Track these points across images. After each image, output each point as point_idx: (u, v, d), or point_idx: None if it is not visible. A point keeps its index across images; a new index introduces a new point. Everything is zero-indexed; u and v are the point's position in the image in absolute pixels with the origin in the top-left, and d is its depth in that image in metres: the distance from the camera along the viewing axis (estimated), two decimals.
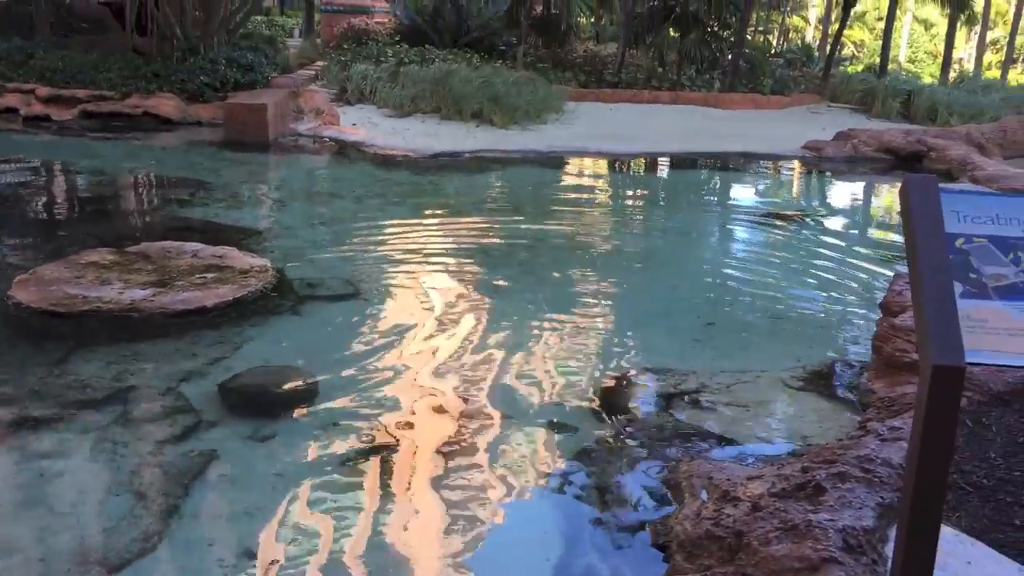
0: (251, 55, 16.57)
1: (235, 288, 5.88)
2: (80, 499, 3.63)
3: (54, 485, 3.73)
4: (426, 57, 18.37)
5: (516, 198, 10.85)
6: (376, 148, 12.98)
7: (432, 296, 6.77)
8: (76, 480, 3.79)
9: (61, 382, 4.60)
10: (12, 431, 4.11)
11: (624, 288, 7.18)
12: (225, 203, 9.17)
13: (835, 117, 19.19)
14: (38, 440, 4.06)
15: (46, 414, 4.27)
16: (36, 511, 3.53)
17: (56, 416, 4.26)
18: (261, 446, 4.14)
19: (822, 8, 43.43)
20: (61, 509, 3.55)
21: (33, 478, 3.77)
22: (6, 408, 4.31)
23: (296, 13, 33.53)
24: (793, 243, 9.36)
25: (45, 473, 3.81)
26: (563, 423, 4.53)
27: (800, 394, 4.97)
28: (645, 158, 14.33)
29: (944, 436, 2.20)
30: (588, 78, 20.59)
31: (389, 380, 5.09)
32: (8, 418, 4.21)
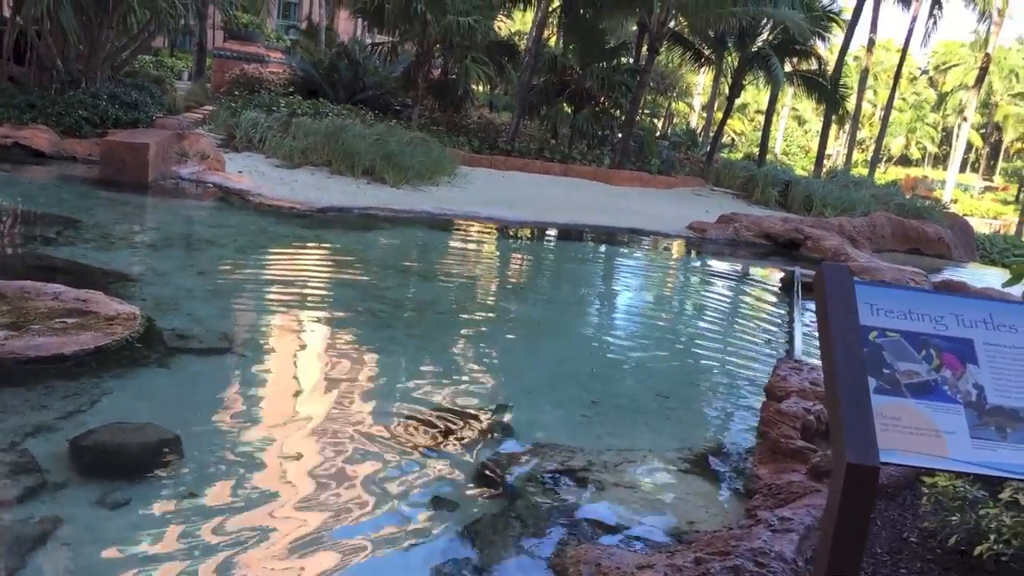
0: (136, 93, 16.01)
1: (98, 336, 5.45)
2: None
3: None
4: (320, 110, 18.17)
5: (404, 258, 10.65)
6: (262, 198, 12.59)
7: (310, 356, 6.47)
8: None
9: None
10: None
11: (510, 357, 7.04)
12: (95, 244, 8.65)
13: (718, 200, 19.86)
14: None
15: None
16: None
17: None
18: (113, 513, 3.76)
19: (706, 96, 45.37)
20: None
21: None
22: None
23: (187, 55, 32.78)
24: (678, 321, 9.47)
25: None
26: (443, 499, 4.30)
27: (686, 476, 4.89)
28: (535, 227, 14.40)
29: (856, 535, 2.11)
30: (482, 144, 20.75)
31: (258, 443, 4.77)
32: None
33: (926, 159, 74.84)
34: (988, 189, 64.02)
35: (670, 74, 32.83)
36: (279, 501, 4.13)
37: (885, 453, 2.09)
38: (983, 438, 2.16)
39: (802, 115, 67.44)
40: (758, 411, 5.96)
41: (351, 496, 4.23)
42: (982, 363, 2.27)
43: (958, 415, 2.19)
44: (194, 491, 4.06)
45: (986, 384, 2.24)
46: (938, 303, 2.36)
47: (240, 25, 27.99)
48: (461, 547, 3.83)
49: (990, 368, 2.26)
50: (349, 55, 22.98)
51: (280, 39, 35.25)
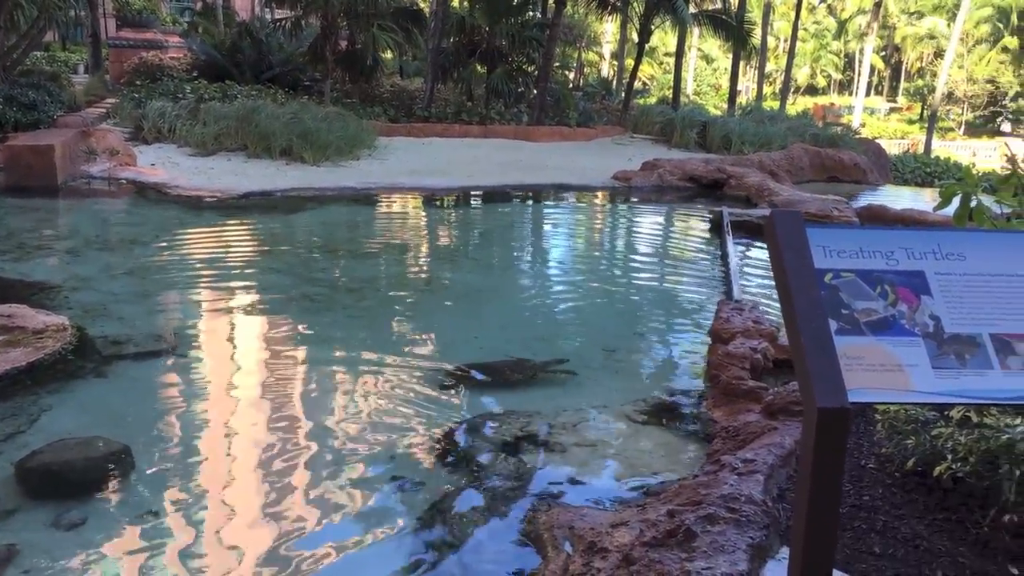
0: (33, 93, 15.34)
1: (28, 351, 5.25)
2: None
3: None
4: (228, 93, 17.70)
5: (333, 238, 10.49)
6: (180, 189, 12.24)
7: (251, 346, 6.35)
8: None
9: None
10: None
11: (452, 328, 7.00)
12: (10, 255, 8.31)
13: (639, 148, 19.96)
14: None
15: None
16: None
17: None
18: (69, 534, 3.64)
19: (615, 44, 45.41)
20: None
21: None
22: None
23: (80, 48, 31.54)
24: (614, 273, 9.53)
25: None
26: (406, 477, 4.27)
27: (644, 428, 4.94)
28: (461, 192, 14.29)
29: (832, 477, 2.14)
30: (397, 113, 20.49)
31: (209, 441, 4.69)
32: None
33: (831, 86, 76.36)
34: (893, 110, 65.63)
35: (577, 24, 32.75)
36: (237, 503, 4.06)
37: (853, 393, 2.12)
38: (945, 367, 2.20)
39: (709, 54, 68.07)
40: (704, 355, 6.06)
41: (312, 490, 4.17)
42: (935, 294, 2.31)
43: (918, 347, 2.23)
44: (150, 501, 3.96)
45: (941, 314, 2.28)
46: (887, 239, 2.39)
47: (133, 12, 26.98)
48: (431, 526, 3.81)
49: (944, 298, 2.30)
50: (251, 33, 22.36)
51: (176, 22, 34.10)
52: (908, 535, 3.20)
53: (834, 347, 2.15)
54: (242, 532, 3.79)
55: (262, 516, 3.90)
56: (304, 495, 4.12)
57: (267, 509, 3.96)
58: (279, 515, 3.91)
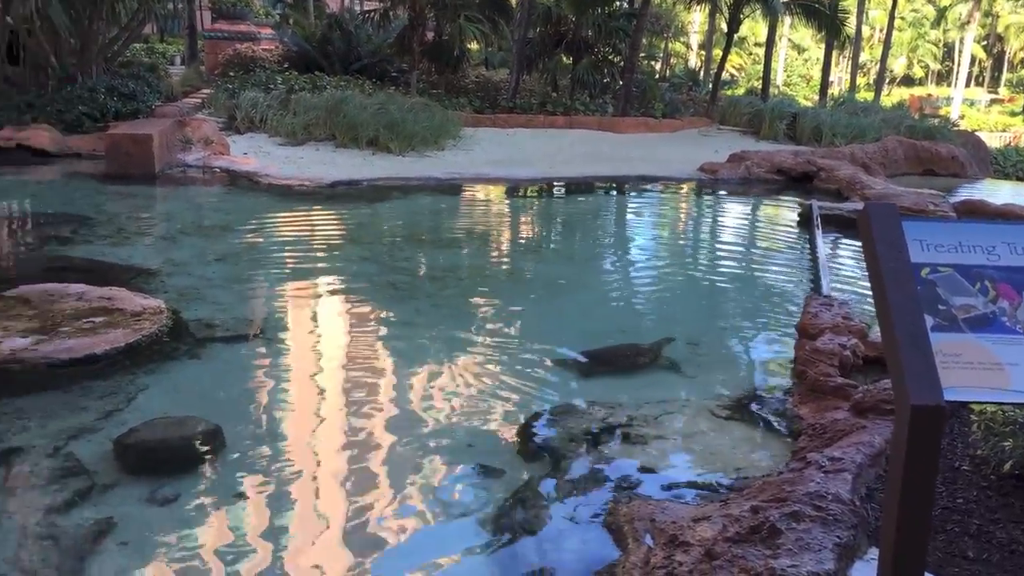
0: (133, 83, 15.90)
1: (127, 332, 5.45)
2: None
3: None
4: (317, 84, 18.02)
5: (418, 227, 10.60)
6: (270, 178, 12.54)
7: (336, 332, 6.48)
8: None
9: None
10: None
11: (536, 318, 7.01)
12: (111, 240, 8.64)
13: (726, 139, 19.63)
14: None
15: None
16: None
17: None
18: (163, 509, 3.78)
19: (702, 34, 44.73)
20: None
21: None
22: None
23: (177, 40, 32.48)
24: (698, 266, 9.42)
25: None
26: (488, 465, 4.30)
27: (727, 423, 4.88)
28: (544, 183, 14.29)
29: (926, 477, 2.08)
30: (482, 103, 20.56)
31: (295, 423, 4.80)
32: None
33: (929, 77, 73.75)
34: (994, 102, 63.06)
35: (664, 14, 32.35)
36: (321, 485, 4.15)
37: (948, 391, 2.05)
38: None
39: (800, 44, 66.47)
40: (790, 350, 5.94)
41: (393, 475, 4.24)
42: None
43: (1019, 346, 2.15)
44: (239, 480, 4.08)
45: None
46: (988, 233, 2.31)
47: (228, 4, 27.64)
48: (512, 513, 3.83)
49: None
50: (341, 25, 22.70)
51: (268, 15, 34.85)
52: (1004, 540, 3.09)
53: (930, 343, 2.09)
54: (325, 514, 3.87)
55: (344, 499, 3.98)
56: (385, 479, 4.19)
57: (349, 492, 4.04)
58: (360, 498, 3.98)
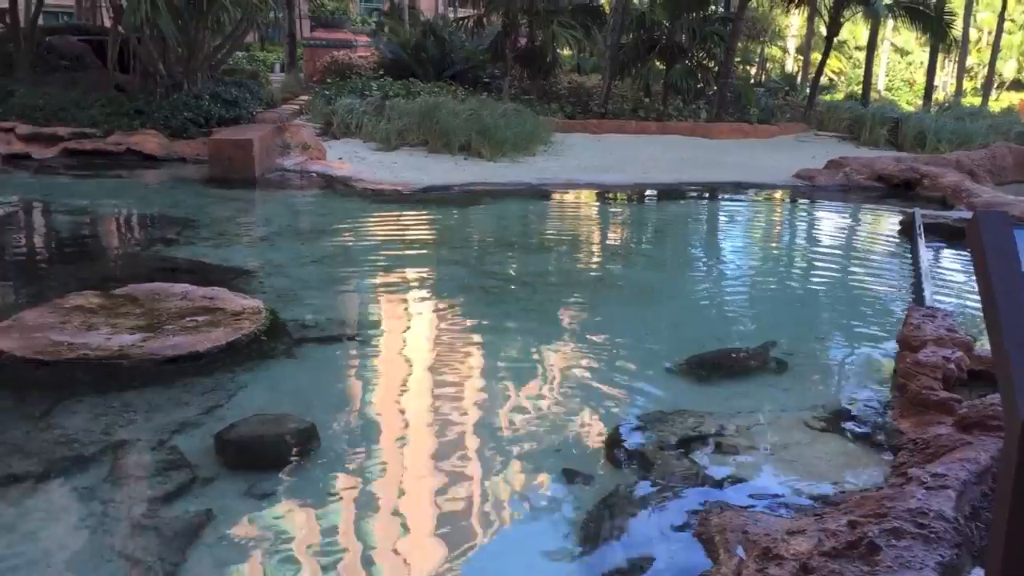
0: (235, 90, 16.40)
1: (228, 331, 5.62)
2: (69, 566, 3.36)
3: (42, 551, 3.46)
4: (411, 90, 18.27)
5: (509, 232, 10.66)
6: (364, 183, 12.77)
7: (427, 335, 6.56)
8: (64, 544, 3.52)
9: (46, 436, 4.33)
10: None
11: (626, 325, 6.96)
12: (213, 242, 8.93)
13: (824, 145, 19.16)
14: (22, 500, 3.80)
15: (31, 471, 4.01)
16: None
17: (42, 474, 4.00)
18: (260, 503, 3.89)
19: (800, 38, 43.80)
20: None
21: (17, 542, 3.50)
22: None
23: (277, 47, 33.41)
24: (794, 274, 9.22)
25: (31, 537, 3.54)
26: (577, 471, 4.29)
27: (822, 435, 4.76)
28: (636, 189, 14.19)
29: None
30: (574, 109, 20.55)
31: (386, 424, 4.88)
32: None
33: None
34: None
35: (761, 18, 31.77)
36: (412, 485, 4.21)
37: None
38: None
39: (903, 47, 64.47)
40: (890, 362, 5.77)
41: (481, 478, 4.27)
42: None
43: None
44: (332, 478, 4.17)
45: None
46: None
47: (327, 13, 28.33)
48: (600, 520, 3.82)
49: None
50: (435, 32, 23.01)
51: (365, 22, 35.59)
52: None
53: None
54: (412, 515, 3.92)
55: (432, 501, 4.03)
56: (473, 482, 4.23)
57: (437, 494, 4.08)
58: (448, 500, 4.03)
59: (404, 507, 3.98)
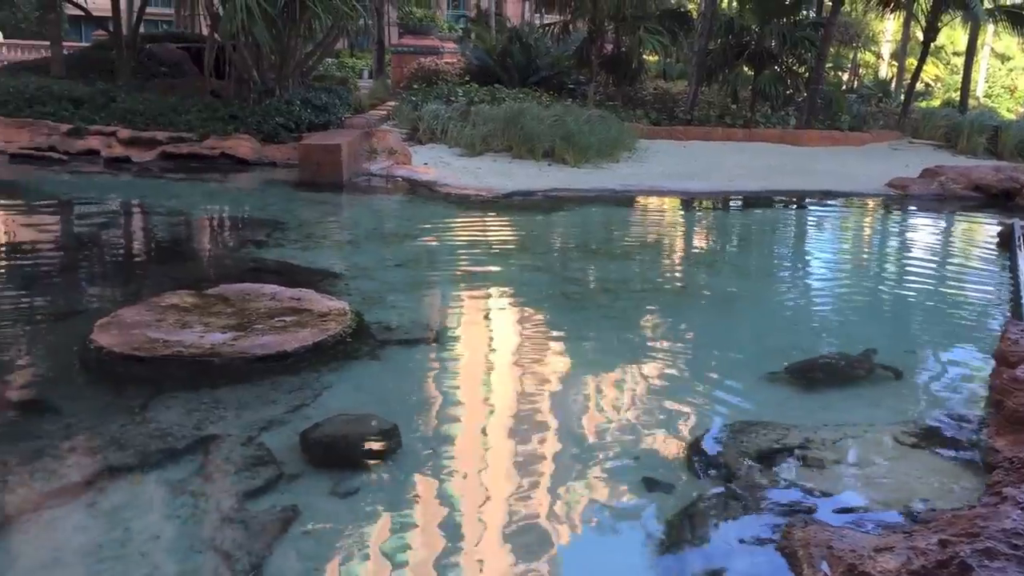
0: (325, 96, 16.78)
1: (314, 332, 5.74)
2: (162, 556, 3.48)
3: (135, 540, 3.59)
4: (496, 96, 18.42)
5: (592, 238, 10.65)
6: (449, 188, 12.92)
7: (511, 340, 6.58)
8: (157, 534, 3.64)
9: (142, 430, 4.49)
10: (93, 482, 4.00)
11: (709, 333, 6.88)
12: (301, 244, 9.14)
13: (918, 154, 18.65)
14: (118, 491, 3.94)
15: (127, 463, 4.16)
16: (115, 570, 3.39)
17: (137, 466, 4.14)
18: (344, 502, 3.96)
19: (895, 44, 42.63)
20: (142, 567, 3.40)
21: (113, 531, 3.63)
22: (88, 457, 4.22)
23: (365, 54, 34.03)
24: (884, 286, 8.98)
25: (125, 527, 3.68)
26: (656, 479, 4.26)
27: (912, 451, 4.62)
28: (721, 196, 14.02)
29: None
30: (659, 116, 20.43)
31: (466, 428, 4.92)
32: (90, 468, 4.11)
33: None
34: None
35: (855, 23, 31.12)
36: (490, 489, 4.22)
37: None
38: None
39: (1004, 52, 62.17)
40: (985, 378, 5.57)
41: (559, 484, 4.27)
42: None
43: None
44: (414, 479, 4.22)
45: None
46: None
47: (415, 20, 28.73)
48: (681, 530, 3.78)
49: None
50: (521, 38, 23.15)
51: (452, 29, 35.99)
52: None
53: None
54: (490, 520, 3.93)
55: (510, 506, 4.04)
56: (552, 487, 4.23)
57: (515, 499, 4.09)
58: (526, 505, 4.03)
59: (482, 511, 4.00)
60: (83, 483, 3.99)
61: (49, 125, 15.19)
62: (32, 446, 4.29)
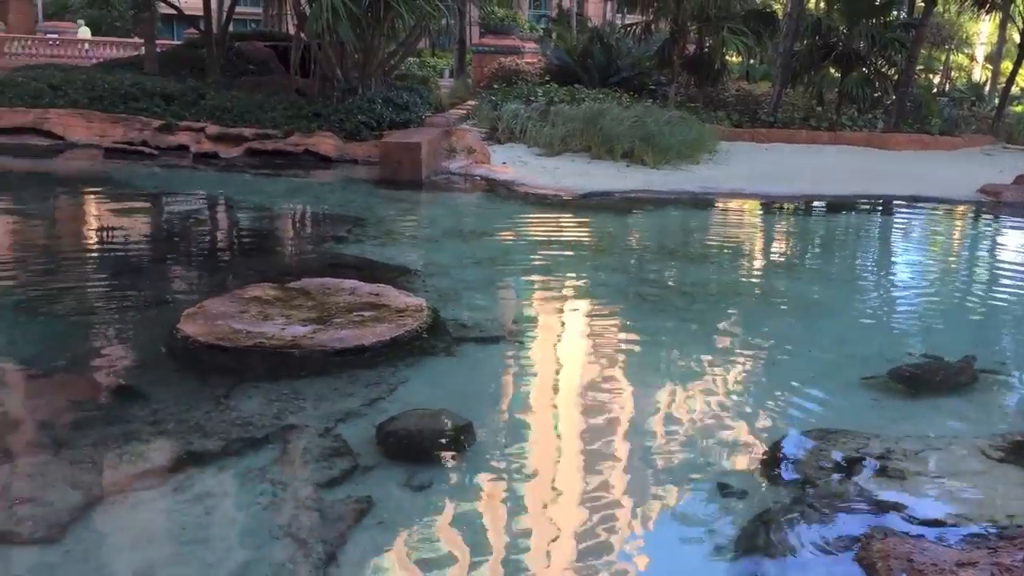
0: (406, 95, 16.97)
1: (392, 327, 5.82)
2: (241, 541, 3.57)
3: (216, 524, 3.70)
4: (576, 96, 18.38)
5: (670, 240, 10.55)
6: (526, 187, 12.95)
7: (586, 341, 6.57)
8: (236, 519, 3.74)
9: (225, 418, 4.62)
10: (178, 466, 4.13)
11: (788, 339, 6.75)
12: (380, 240, 9.27)
13: (1012, 159, 18.02)
14: (202, 477, 4.06)
15: (210, 450, 4.28)
16: (197, 552, 3.49)
17: (220, 452, 4.26)
18: (417, 495, 4.01)
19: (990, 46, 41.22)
20: (222, 550, 3.51)
21: (196, 515, 3.75)
22: (173, 442, 4.35)
23: (447, 54, 34.33)
24: (973, 295, 8.70)
25: (207, 511, 3.79)
26: (730, 485, 4.20)
27: (999, 465, 4.46)
28: (804, 200, 13.75)
29: None
30: (741, 117, 20.14)
31: (543, 428, 4.93)
32: (175, 453, 4.25)
33: None
34: None
35: (948, 24, 30.21)
36: (561, 489, 4.23)
37: None
38: None
39: None
40: None
41: (631, 486, 4.26)
42: None
43: None
44: (485, 476, 4.25)
45: None
46: None
47: (496, 20, 28.89)
48: (754, 537, 3.72)
49: None
50: (602, 39, 23.07)
51: (533, 29, 36.07)
52: None
53: None
54: (560, 521, 3.93)
55: (580, 507, 4.03)
56: (622, 490, 4.22)
57: (585, 500, 4.09)
58: (596, 507, 4.02)
59: (552, 511, 4.01)
60: (168, 467, 4.12)
61: (142, 120, 15.71)
62: (122, 430, 4.45)
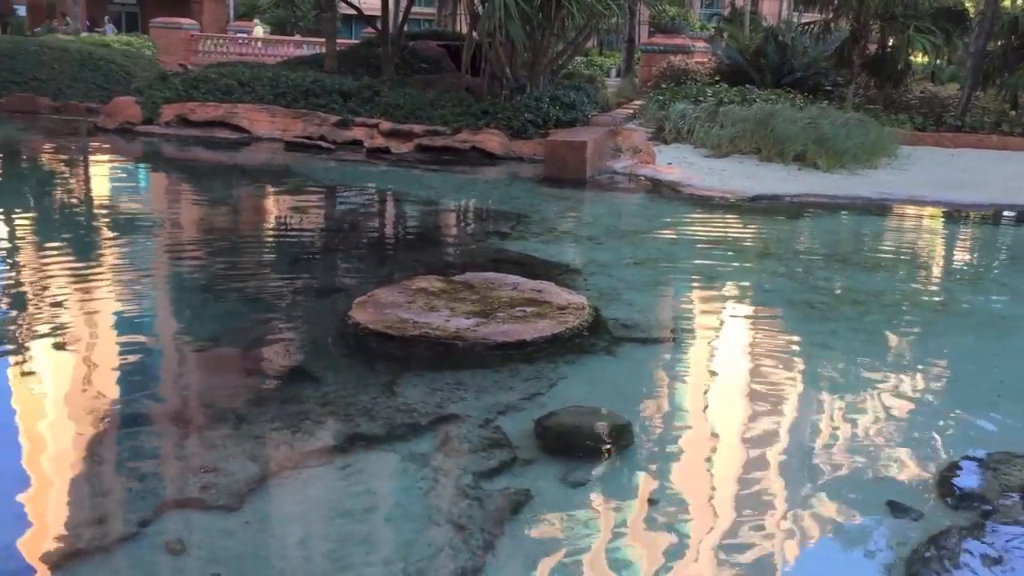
0: (573, 94, 17.02)
1: (553, 324, 5.86)
2: (403, 523, 3.68)
3: (380, 505, 3.83)
4: (747, 97, 17.92)
5: (840, 247, 10.13)
6: (692, 188, 12.74)
7: (746, 346, 6.41)
8: (399, 502, 3.87)
9: (390, 404, 4.77)
10: (346, 447, 4.30)
11: (970, 356, 6.36)
12: (543, 237, 9.34)
13: None
14: (367, 459, 4.22)
15: (376, 434, 4.43)
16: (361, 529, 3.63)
17: (384, 436, 4.41)
18: (574, 491, 4.01)
19: None
20: (386, 531, 3.63)
21: (361, 494, 3.89)
22: (342, 423, 4.54)
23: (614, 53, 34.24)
24: None
25: (371, 492, 3.93)
26: (904, 505, 3.99)
27: None
28: (992, 210, 12.89)
29: None
30: (925, 121, 19.11)
31: (701, 434, 4.85)
32: (343, 434, 4.43)
33: None
34: None
35: None
36: (718, 498, 4.13)
37: None
38: None
39: None
40: None
41: (790, 500, 4.11)
42: None
43: None
44: (641, 479, 4.21)
45: None
46: None
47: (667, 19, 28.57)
48: (928, 561, 3.52)
49: None
50: (776, 38, 22.40)
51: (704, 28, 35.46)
52: None
53: None
54: (715, 531, 3.82)
55: (737, 518, 3.92)
56: (782, 503, 4.08)
57: (743, 510, 3.97)
58: (755, 519, 3.91)
59: (706, 521, 3.92)
60: (337, 447, 4.30)
61: (320, 116, 16.48)
62: (294, 410, 4.68)
